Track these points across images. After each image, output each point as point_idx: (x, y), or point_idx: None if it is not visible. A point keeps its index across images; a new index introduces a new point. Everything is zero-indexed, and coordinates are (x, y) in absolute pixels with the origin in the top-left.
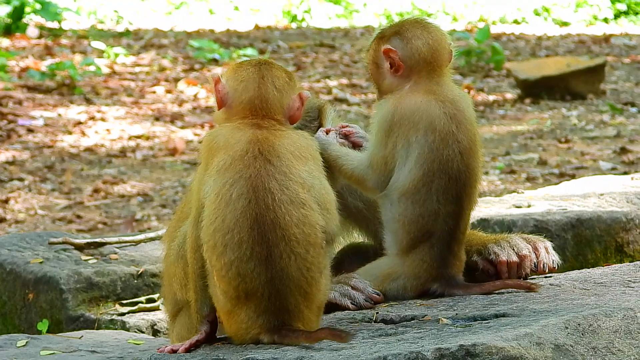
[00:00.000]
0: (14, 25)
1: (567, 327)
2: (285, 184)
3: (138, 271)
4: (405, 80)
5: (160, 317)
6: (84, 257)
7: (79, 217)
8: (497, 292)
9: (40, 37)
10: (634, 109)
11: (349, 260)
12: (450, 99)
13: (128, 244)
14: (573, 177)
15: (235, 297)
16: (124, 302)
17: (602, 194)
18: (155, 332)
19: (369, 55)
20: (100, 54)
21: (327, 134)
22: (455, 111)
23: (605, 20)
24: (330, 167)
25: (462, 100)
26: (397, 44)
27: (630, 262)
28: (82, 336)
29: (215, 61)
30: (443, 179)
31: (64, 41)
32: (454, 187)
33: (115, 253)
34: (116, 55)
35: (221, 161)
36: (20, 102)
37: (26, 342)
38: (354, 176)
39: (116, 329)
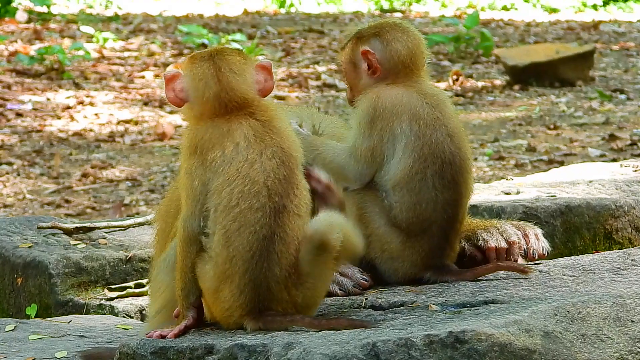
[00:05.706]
0: (2, 10)
1: (556, 314)
2: (299, 157)
3: (127, 256)
4: (381, 82)
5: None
6: (72, 242)
7: (67, 201)
8: (486, 278)
9: (29, 21)
10: (622, 96)
11: None
12: (430, 93)
13: (117, 228)
14: (562, 163)
15: (224, 262)
16: (113, 287)
17: (591, 181)
18: (144, 317)
19: (345, 54)
20: (89, 38)
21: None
22: (438, 102)
23: (594, 7)
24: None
25: (441, 95)
26: (376, 45)
27: (619, 249)
28: (70, 321)
29: (204, 46)
30: (436, 163)
31: (52, 25)
32: (448, 171)
33: (104, 238)
34: (105, 39)
35: (238, 142)
36: (9, 86)
37: (15, 327)
38: (333, 165)
39: (105, 314)
